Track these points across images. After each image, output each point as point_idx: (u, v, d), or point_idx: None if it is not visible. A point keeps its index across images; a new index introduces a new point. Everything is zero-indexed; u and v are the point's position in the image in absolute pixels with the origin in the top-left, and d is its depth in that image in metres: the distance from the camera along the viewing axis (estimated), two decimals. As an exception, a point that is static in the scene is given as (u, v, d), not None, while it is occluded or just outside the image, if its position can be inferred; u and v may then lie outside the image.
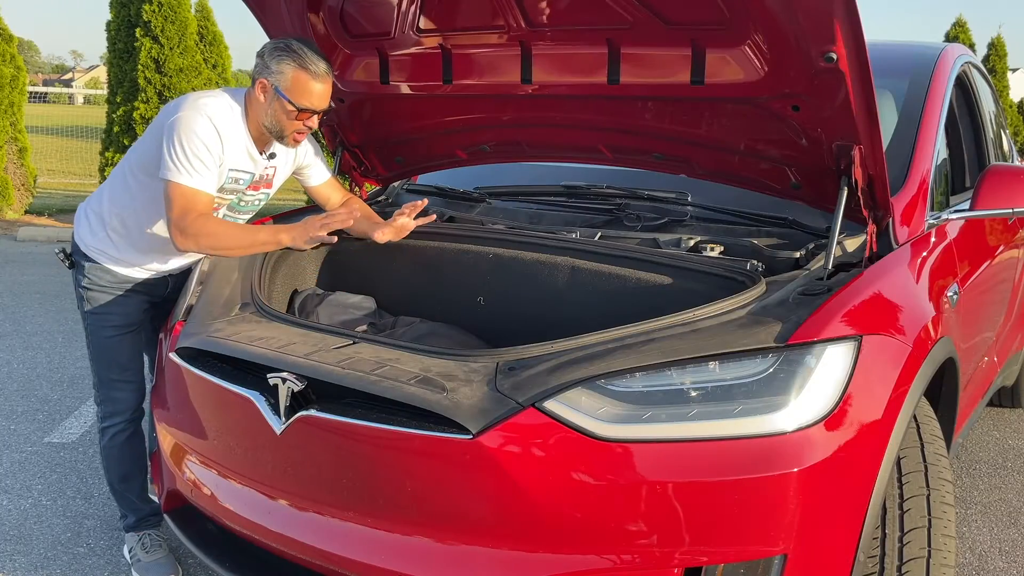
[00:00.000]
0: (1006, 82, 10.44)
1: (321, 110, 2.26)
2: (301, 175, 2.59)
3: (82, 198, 2.66)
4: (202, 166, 2.19)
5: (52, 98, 28.26)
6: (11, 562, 2.64)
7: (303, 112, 2.23)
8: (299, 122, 2.25)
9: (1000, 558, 2.81)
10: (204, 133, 2.19)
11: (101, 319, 2.44)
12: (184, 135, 2.17)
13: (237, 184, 2.36)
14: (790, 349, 1.66)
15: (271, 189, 2.50)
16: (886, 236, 2.15)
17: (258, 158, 2.37)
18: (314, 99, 2.22)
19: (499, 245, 2.49)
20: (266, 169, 2.42)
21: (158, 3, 8.25)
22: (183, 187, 2.18)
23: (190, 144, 2.17)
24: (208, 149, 2.19)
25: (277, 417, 1.83)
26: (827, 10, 1.69)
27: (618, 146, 2.45)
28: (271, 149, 2.40)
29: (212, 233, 2.20)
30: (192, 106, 2.22)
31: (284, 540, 1.90)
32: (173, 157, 2.18)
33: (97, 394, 2.53)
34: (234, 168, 2.31)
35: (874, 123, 1.86)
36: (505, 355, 1.78)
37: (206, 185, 2.22)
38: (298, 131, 2.28)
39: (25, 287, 6.28)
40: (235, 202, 2.42)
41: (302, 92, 2.20)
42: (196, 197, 2.20)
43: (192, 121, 2.18)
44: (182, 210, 2.18)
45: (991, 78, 4.04)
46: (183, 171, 2.18)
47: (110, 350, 2.45)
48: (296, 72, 2.19)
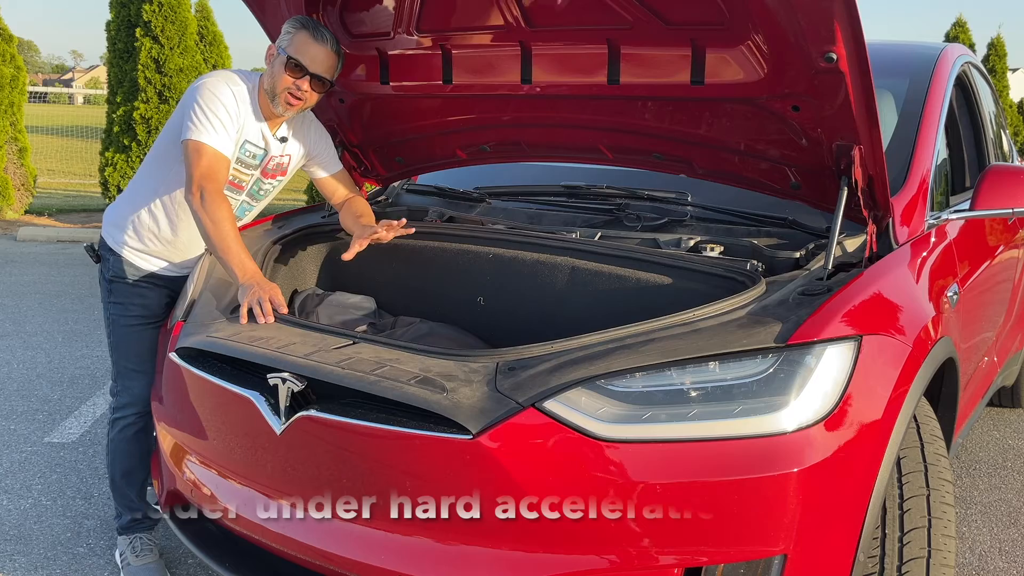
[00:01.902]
0: (1006, 82, 10.44)
1: (313, 72, 2.31)
2: (311, 166, 2.63)
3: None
4: (220, 125, 2.29)
5: (52, 98, 28.24)
6: (11, 562, 2.64)
7: (296, 68, 2.30)
8: (291, 79, 2.31)
9: (1000, 558, 2.81)
10: (224, 95, 2.31)
11: (123, 309, 2.49)
12: (205, 97, 2.29)
13: (253, 160, 2.44)
14: (790, 349, 1.66)
15: (285, 177, 2.58)
16: (886, 236, 2.15)
17: (270, 137, 2.44)
18: (309, 59, 2.31)
19: (499, 245, 2.49)
20: (281, 156, 2.50)
21: (158, 3, 8.26)
22: (203, 145, 2.27)
23: (210, 104, 2.29)
24: (227, 110, 2.31)
25: (277, 417, 1.83)
26: (827, 10, 1.69)
27: (618, 146, 2.45)
28: (281, 132, 2.47)
29: (215, 219, 2.22)
30: (213, 74, 2.38)
31: (284, 540, 1.90)
32: (194, 117, 2.28)
33: (114, 384, 2.56)
34: (249, 140, 2.40)
35: (874, 123, 1.86)
36: (505, 355, 1.78)
37: (224, 146, 2.30)
38: (290, 91, 2.33)
39: (25, 287, 6.28)
40: (255, 190, 2.51)
41: (299, 48, 2.31)
42: (217, 157, 2.28)
43: (212, 85, 2.32)
44: (206, 168, 2.26)
45: (991, 78, 4.04)
46: (203, 129, 2.27)
47: (130, 340, 2.49)
48: (300, 32, 2.32)
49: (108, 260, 2.52)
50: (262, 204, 2.60)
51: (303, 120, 2.57)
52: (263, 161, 2.47)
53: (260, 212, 2.66)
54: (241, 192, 2.49)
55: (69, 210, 9.97)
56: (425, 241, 2.60)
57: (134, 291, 2.49)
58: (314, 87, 2.35)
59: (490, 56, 2.38)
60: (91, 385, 4.22)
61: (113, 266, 2.50)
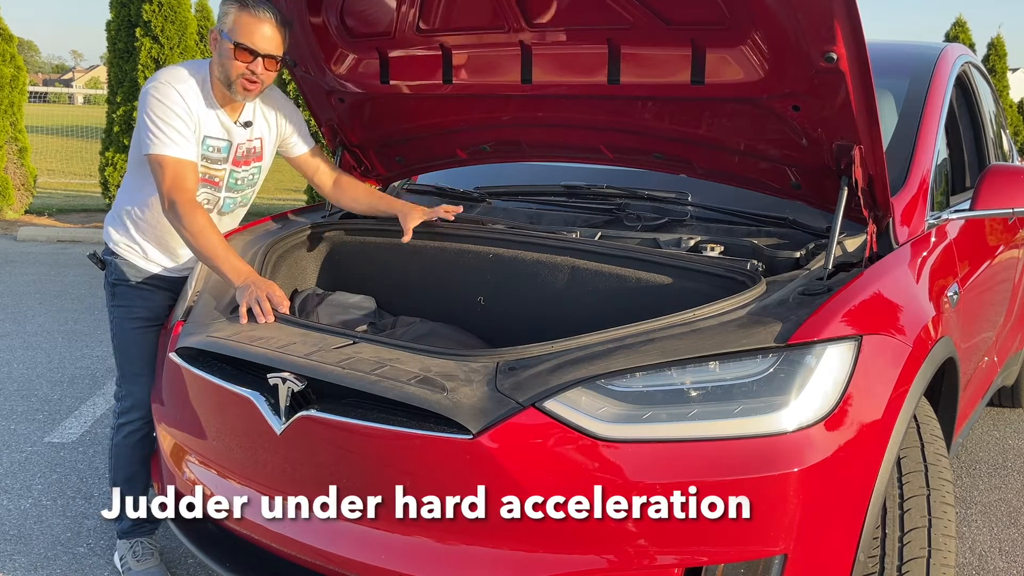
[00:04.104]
0: (1006, 82, 10.43)
1: (263, 53, 2.24)
2: (285, 148, 2.58)
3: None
4: (177, 134, 2.24)
5: (52, 98, 28.24)
6: (11, 562, 2.64)
7: (242, 52, 2.22)
8: (242, 63, 2.24)
9: (1000, 558, 2.81)
10: (171, 99, 2.25)
11: (126, 312, 2.48)
12: (153, 107, 2.25)
13: (218, 154, 2.38)
14: (790, 349, 1.66)
15: (262, 162, 2.52)
16: (886, 236, 2.15)
17: (231, 126, 2.39)
18: (255, 39, 2.22)
19: (499, 245, 2.49)
20: (250, 141, 2.45)
21: (158, 3, 8.25)
22: (165, 157, 2.24)
23: (159, 113, 2.24)
24: (178, 115, 2.25)
25: (277, 417, 1.83)
26: (827, 10, 1.69)
27: (618, 146, 2.45)
28: (244, 116, 2.41)
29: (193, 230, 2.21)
30: (153, 80, 2.30)
31: (284, 540, 1.90)
32: (149, 131, 2.24)
33: (118, 389, 2.55)
34: (209, 135, 2.34)
35: (874, 123, 1.86)
36: (505, 355, 1.78)
37: (186, 152, 2.26)
38: (244, 76, 2.26)
39: (25, 287, 6.28)
40: (232, 182, 2.46)
41: (241, 30, 2.23)
42: (180, 166, 2.25)
43: (156, 92, 2.26)
44: (171, 180, 2.23)
45: (991, 78, 4.04)
46: (161, 142, 2.24)
47: (133, 343, 2.48)
48: (237, 13, 2.23)
49: (111, 264, 2.51)
50: (246, 193, 2.54)
51: (267, 98, 2.49)
52: (229, 152, 2.41)
53: (250, 203, 2.60)
54: (219, 188, 2.44)
55: (69, 210, 9.96)
56: (425, 241, 2.60)
57: (137, 293, 2.48)
58: (267, 66, 2.27)
59: (490, 56, 2.38)
60: (91, 385, 4.22)
61: (115, 269, 2.49)
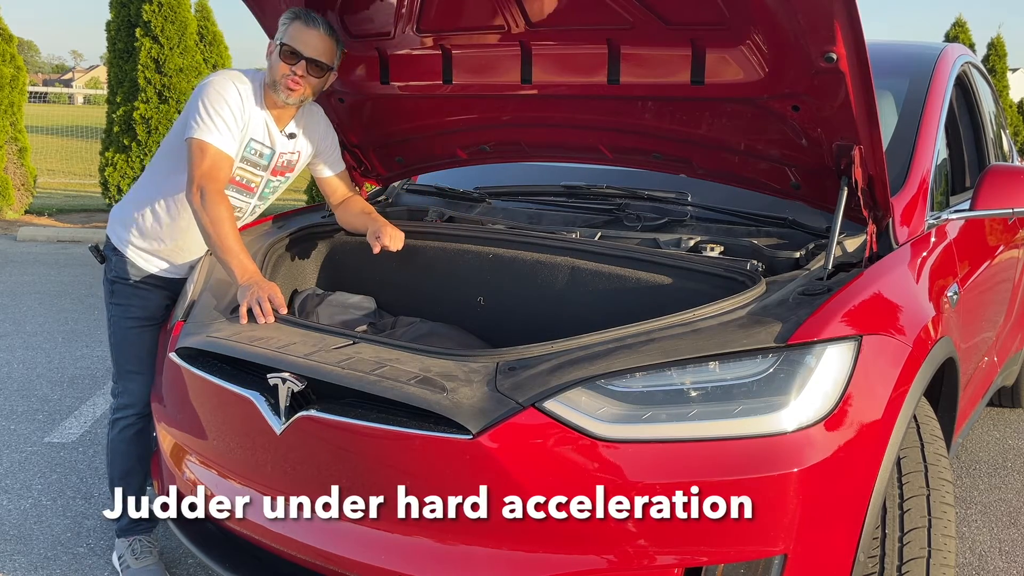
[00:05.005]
0: (1006, 82, 10.43)
1: (308, 56, 2.30)
2: (315, 164, 2.63)
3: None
4: (224, 125, 2.29)
5: (52, 98, 28.24)
6: (11, 562, 2.64)
7: (291, 55, 2.30)
8: (287, 66, 2.31)
9: (1000, 558, 2.81)
10: (229, 94, 2.31)
11: (124, 310, 2.49)
12: (210, 96, 2.29)
13: (261, 159, 2.43)
14: (790, 349, 1.66)
15: (292, 174, 2.58)
16: (886, 236, 2.15)
17: (277, 135, 2.43)
18: (303, 44, 2.31)
19: (499, 245, 2.49)
20: (291, 153, 2.50)
21: (158, 3, 8.25)
22: (206, 144, 2.27)
23: (214, 103, 2.29)
24: (231, 109, 2.30)
25: (277, 417, 1.83)
26: (827, 10, 1.69)
27: (618, 146, 2.45)
28: (289, 128, 2.46)
29: (214, 218, 2.23)
30: (219, 74, 2.38)
31: (284, 540, 1.90)
32: (198, 116, 2.28)
33: (115, 386, 2.56)
34: (255, 139, 2.39)
35: (874, 123, 1.86)
36: (505, 355, 1.78)
37: (229, 146, 2.30)
38: (288, 77, 2.32)
39: (25, 287, 6.28)
40: (266, 191, 2.52)
41: (293, 36, 2.31)
42: (220, 157, 2.28)
43: (218, 84, 2.32)
44: (208, 168, 2.26)
45: (991, 78, 4.04)
46: (208, 128, 2.28)
47: (130, 341, 2.50)
48: (294, 22, 2.32)
49: (112, 260, 2.52)
50: (266, 204, 2.60)
51: (313, 116, 2.55)
52: (272, 160, 2.46)
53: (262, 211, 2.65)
54: (253, 195, 2.49)
55: (69, 210, 9.96)
56: (425, 241, 2.60)
57: (135, 292, 2.49)
58: (311, 71, 2.33)
59: (490, 56, 2.38)
60: (91, 385, 4.22)
61: (116, 266, 2.50)
